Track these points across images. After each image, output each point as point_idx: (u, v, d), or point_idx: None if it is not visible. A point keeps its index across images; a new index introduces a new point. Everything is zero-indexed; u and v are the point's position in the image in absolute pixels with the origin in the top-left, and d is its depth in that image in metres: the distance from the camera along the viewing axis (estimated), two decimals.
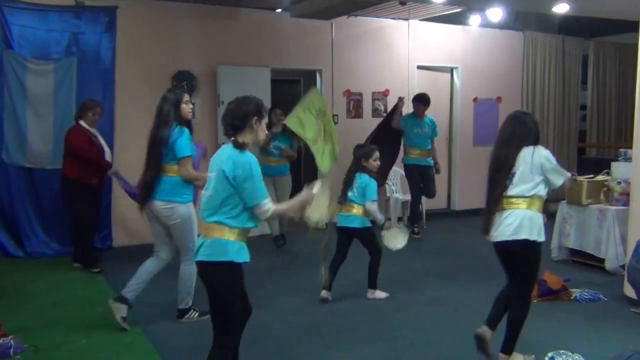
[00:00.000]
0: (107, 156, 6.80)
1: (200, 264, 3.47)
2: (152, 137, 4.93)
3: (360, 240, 5.80)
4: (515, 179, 4.07)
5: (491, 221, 4.12)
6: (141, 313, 5.31)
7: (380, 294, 5.87)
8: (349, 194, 5.71)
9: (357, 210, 5.71)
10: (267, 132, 3.68)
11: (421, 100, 8.50)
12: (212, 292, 3.44)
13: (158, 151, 4.86)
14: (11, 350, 4.36)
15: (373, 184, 5.69)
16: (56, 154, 7.23)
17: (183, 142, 4.85)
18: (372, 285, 5.88)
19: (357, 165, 5.76)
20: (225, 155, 3.43)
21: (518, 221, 4.00)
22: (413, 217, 8.68)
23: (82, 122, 6.64)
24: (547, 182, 4.11)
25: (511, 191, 4.06)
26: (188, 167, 4.89)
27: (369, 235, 5.79)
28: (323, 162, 7.47)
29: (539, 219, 4.07)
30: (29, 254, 7.29)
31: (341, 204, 5.71)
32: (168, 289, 5.83)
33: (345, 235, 5.82)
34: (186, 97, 4.99)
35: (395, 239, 5.83)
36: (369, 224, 5.78)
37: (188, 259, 5.01)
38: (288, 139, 7.68)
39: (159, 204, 4.89)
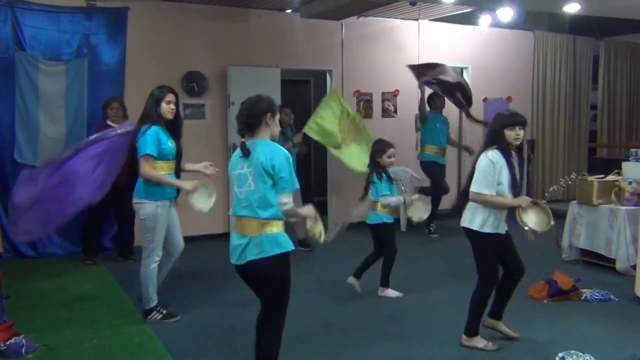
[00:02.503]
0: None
1: (254, 263, 3.50)
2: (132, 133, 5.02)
3: (373, 236, 5.86)
4: None
5: None
6: None
7: (391, 293, 5.86)
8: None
9: (372, 206, 5.82)
10: (279, 127, 3.82)
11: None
12: (274, 285, 3.55)
13: (132, 147, 4.95)
14: (23, 350, 4.38)
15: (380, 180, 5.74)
16: None
17: (144, 140, 4.85)
18: (384, 283, 5.88)
19: (373, 161, 5.81)
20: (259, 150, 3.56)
21: None
22: (431, 216, 8.38)
23: (108, 121, 6.81)
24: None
25: None
26: (145, 167, 4.85)
27: (382, 232, 5.80)
28: (359, 162, 7.39)
29: None
30: (40, 254, 7.33)
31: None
32: (178, 289, 5.87)
33: (371, 233, 5.92)
34: (169, 96, 4.99)
35: (420, 211, 5.88)
36: (383, 220, 5.78)
37: (145, 258, 5.05)
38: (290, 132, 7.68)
39: (133, 201, 5.01)
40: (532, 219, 4.35)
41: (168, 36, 8.00)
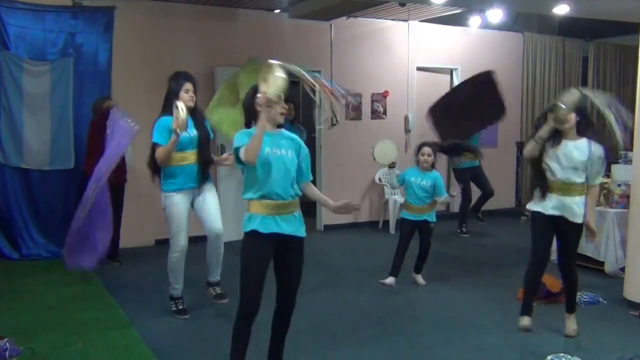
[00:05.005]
0: (127, 155, 6.89)
1: None
2: None
3: None
4: None
5: None
6: (138, 315, 5.30)
7: (387, 280, 6.17)
8: None
9: None
10: (284, 105, 3.77)
11: None
12: None
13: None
14: (7, 353, 4.30)
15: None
16: (55, 154, 7.26)
17: (154, 130, 5.06)
18: (391, 271, 6.22)
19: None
20: None
21: None
22: (463, 218, 8.94)
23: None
24: None
25: None
26: (157, 153, 5.02)
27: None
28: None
29: None
30: (25, 256, 7.23)
31: None
32: (165, 293, 5.80)
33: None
34: (187, 85, 5.10)
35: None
36: (401, 216, 6.39)
37: (170, 248, 5.26)
38: (297, 131, 7.57)
39: None
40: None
41: (155, 36, 7.92)
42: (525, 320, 4.71)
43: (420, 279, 6.34)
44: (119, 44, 7.58)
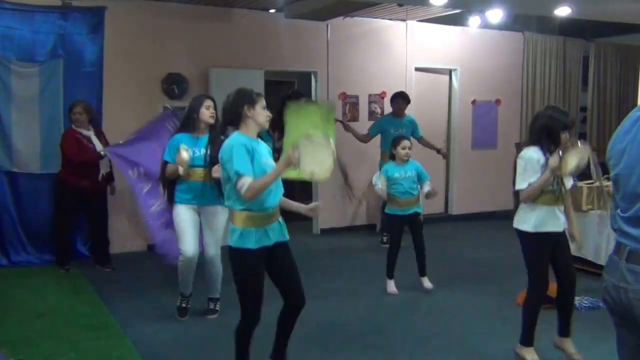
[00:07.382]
0: (104, 164, 6.82)
1: None
2: None
3: None
4: None
5: None
6: (131, 322, 5.23)
7: (389, 286, 6.13)
8: None
9: None
10: (268, 113, 3.79)
11: (403, 97, 8.35)
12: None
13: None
14: None
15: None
16: (46, 158, 7.12)
17: (167, 145, 5.17)
18: (387, 272, 6.20)
19: (391, 154, 6.22)
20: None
21: None
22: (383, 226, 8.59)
23: (72, 125, 6.75)
24: None
25: None
26: (166, 170, 5.16)
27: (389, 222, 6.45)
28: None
29: None
30: (14, 263, 7.09)
31: None
32: (158, 300, 5.74)
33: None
34: (207, 102, 5.18)
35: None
36: (386, 211, 6.29)
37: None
38: (270, 139, 7.42)
39: None
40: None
41: (148, 36, 7.80)
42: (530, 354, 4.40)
43: (427, 282, 6.19)
44: (110, 45, 7.45)
